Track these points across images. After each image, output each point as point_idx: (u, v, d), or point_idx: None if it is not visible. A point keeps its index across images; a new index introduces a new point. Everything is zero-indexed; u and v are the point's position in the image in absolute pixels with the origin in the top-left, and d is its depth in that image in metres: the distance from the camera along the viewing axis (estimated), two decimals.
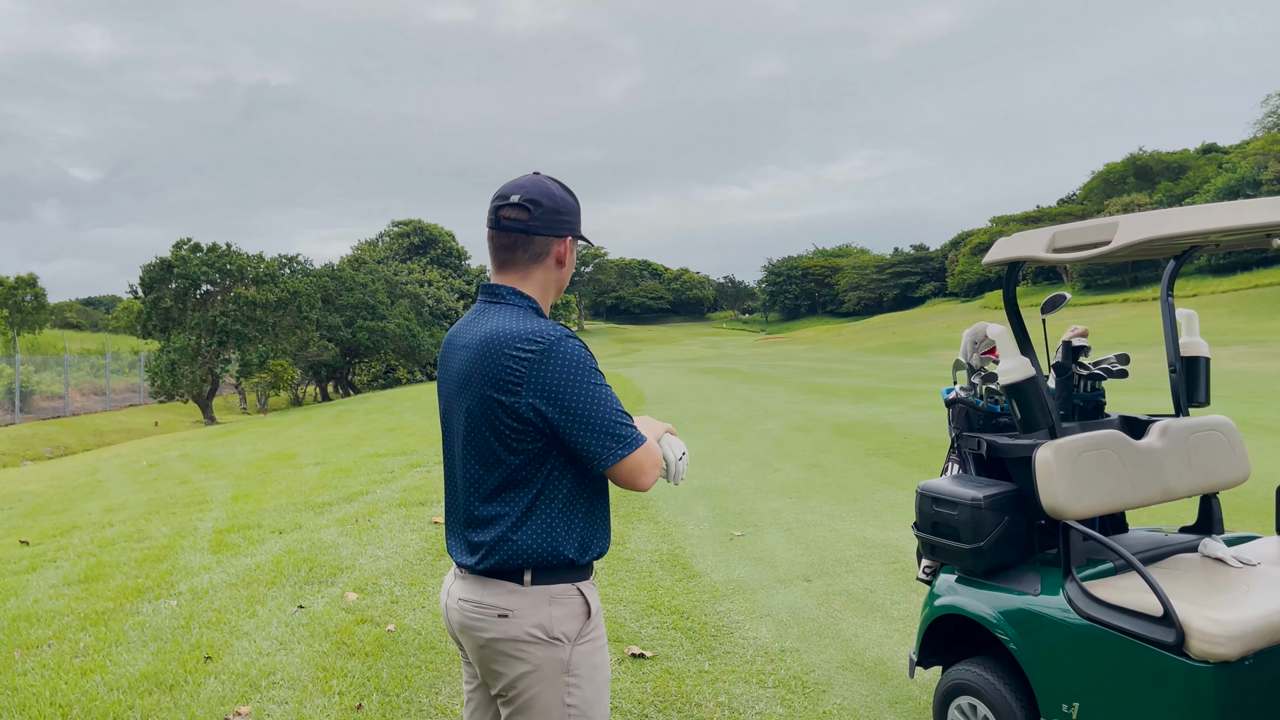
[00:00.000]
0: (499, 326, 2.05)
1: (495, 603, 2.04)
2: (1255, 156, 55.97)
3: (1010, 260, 3.01)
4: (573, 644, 2.06)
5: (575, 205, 2.20)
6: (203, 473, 13.10)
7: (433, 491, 9.28)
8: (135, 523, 8.87)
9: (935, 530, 3.21)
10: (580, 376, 1.98)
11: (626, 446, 1.98)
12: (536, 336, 1.99)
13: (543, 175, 2.20)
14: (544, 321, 2.06)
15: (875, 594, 5.38)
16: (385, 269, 52.62)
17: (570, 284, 40.31)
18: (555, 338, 1.99)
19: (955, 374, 3.57)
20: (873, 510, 7.65)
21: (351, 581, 6.00)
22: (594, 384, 1.99)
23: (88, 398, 37.37)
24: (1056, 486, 2.87)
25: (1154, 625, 2.56)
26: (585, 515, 2.10)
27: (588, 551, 2.09)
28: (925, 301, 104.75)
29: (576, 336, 2.04)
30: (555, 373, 1.97)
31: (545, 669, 2.03)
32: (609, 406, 1.99)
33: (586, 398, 1.97)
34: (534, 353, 1.97)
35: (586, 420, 1.97)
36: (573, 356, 1.99)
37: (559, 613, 2.05)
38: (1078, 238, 2.78)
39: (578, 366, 1.98)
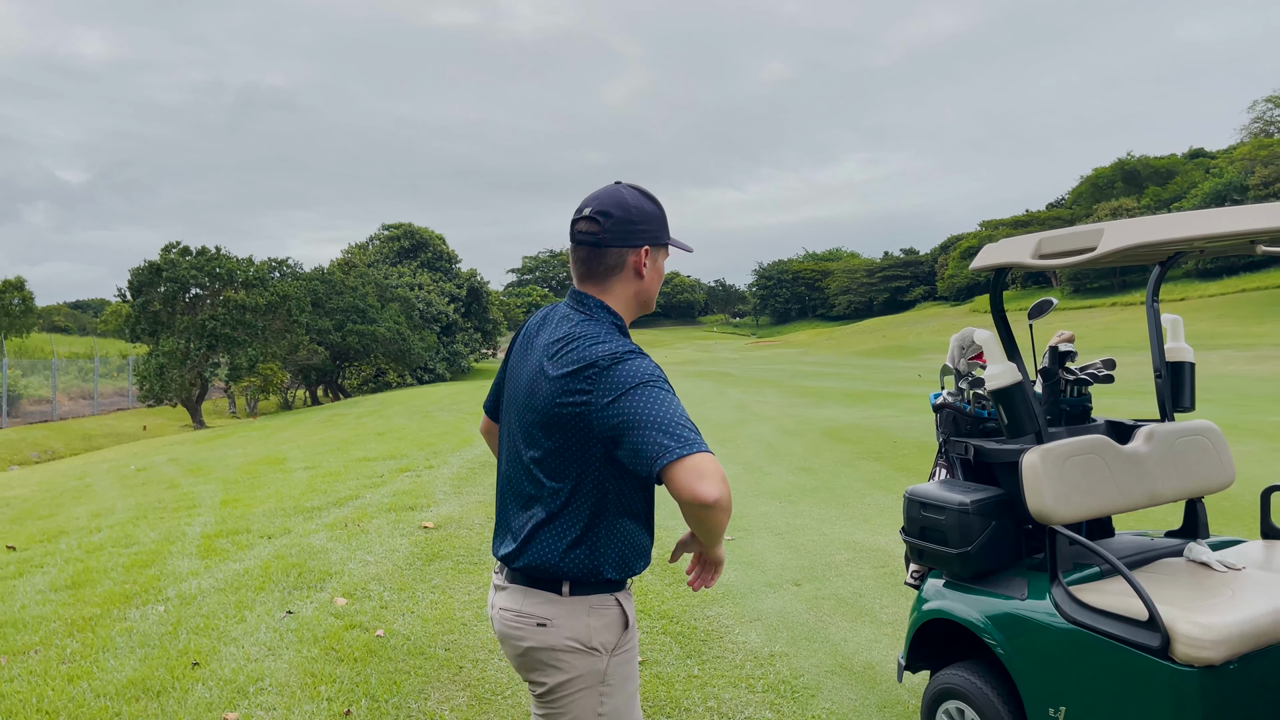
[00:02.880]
0: (587, 331, 2.05)
1: (534, 612, 2.06)
2: (1242, 161, 56.33)
3: (997, 266, 3.03)
4: (609, 655, 2.07)
5: (654, 212, 2.16)
6: (191, 477, 13.05)
7: (423, 496, 9.26)
8: (123, 528, 8.83)
9: (923, 535, 3.22)
10: (646, 384, 1.93)
11: (687, 446, 1.84)
12: (613, 344, 2.00)
13: (623, 184, 2.17)
14: (621, 339, 2.04)
15: (864, 598, 5.39)
16: (375, 272, 52.50)
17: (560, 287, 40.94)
18: (624, 352, 1.98)
19: (943, 379, 3.59)
20: (863, 514, 7.67)
21: (340, 587, 5.98)
22: (661, 390, 1.93)
23: (76, 402, 37.18)
24: (1043, 491, 2.89)
25: (1139, 629, 2.57)
26: (626, 534, 2.09)
27: (628, 570, 2.11)
28: (915, 305, 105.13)
29: (646, 354, 2.02)
30: (619, 381, 1.93)
31: (583, 678, 2.05)
32: (675, 411, 1.90)
33: (649, 401, 1.90)
34: (600, 367, 1.95)
35: (645, 420, 1.87)
36: (639, 368, 1.95)
37: (597, 624, 2.06)
38: (1064, 244, 2.80)
39: (644, 376, 1.94)
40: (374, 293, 44.30)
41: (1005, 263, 2.96)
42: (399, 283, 53.45)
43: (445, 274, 60.85)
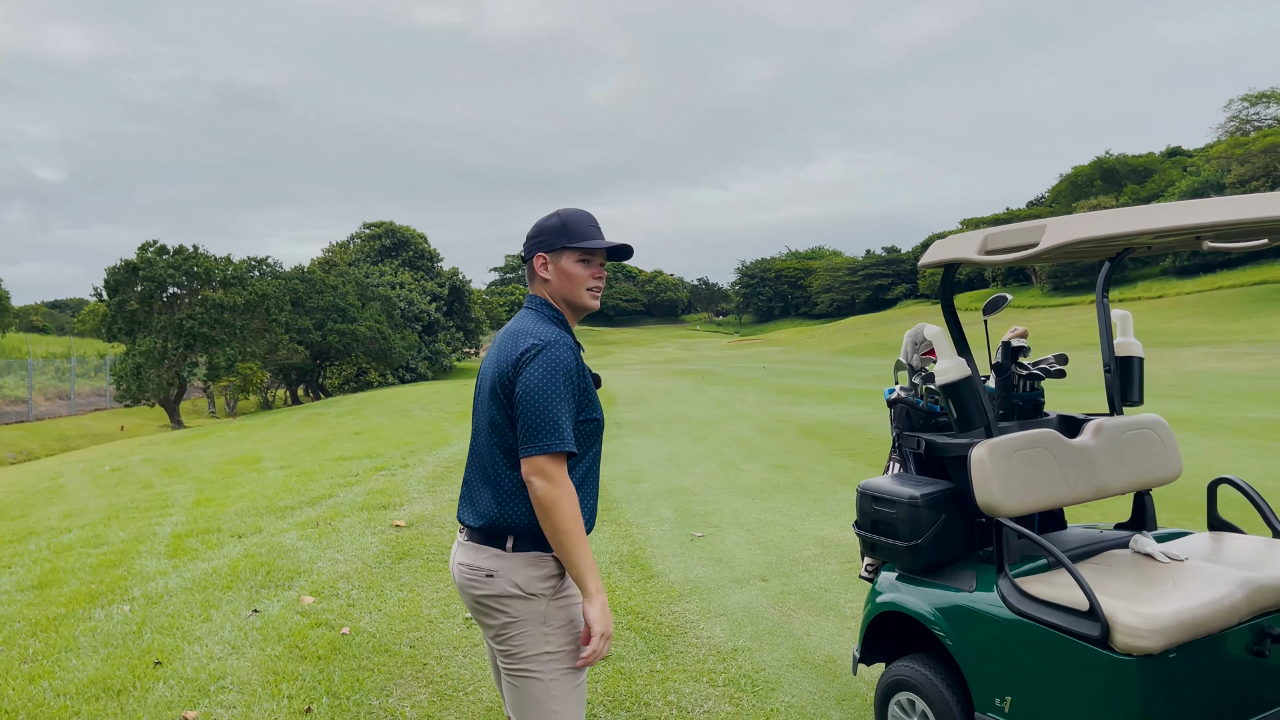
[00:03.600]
0: (516, 325, 2.49)
1: (483, 565, 2.41)
2: (1219, 160, 56.88)
3: (945, 262, 3.06)
4: (549, 599, 2.39)
5: (549, 225, 2.54)
6: (166, 477, 12.97)
7: (395, 495, 9.25)
8: (94, 528, 8.78)
9: (875, 528, 3.25)
10: (548, 373, 2.31)
11: (541, 447, 2.27)
12: (535, 336, 2.39)
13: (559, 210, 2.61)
14: (545, 328, 2.43)
15: (829, 592, 5.43)
16: (356, 271, 52.26)
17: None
18: (545, 340, 2.37)
19: (896, 374, 3.62)
20: (833, 510, 7.71)
21: (309, 585, 5.97)
22: (555, 384, 2.31)
23: (52, 402, 36.83)
24: (991, 484, 2.92)
25: (1080, 619, 2.61)
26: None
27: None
28: (897, 303, 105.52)
29: (570, 347, 2.39)
30: (528, 366, 2.33)
31: (526, 620, 2.38)
32: (556, 408, 2.29)
33: (540, 392, 2.30)
34: (529, 348, 2.35)
35: (530, 407, 2.29)
36: (553, 358, 2.33)
37: (535, 573, 2.39)
38: (1008, 240, 2.83)
39: (553, 365, 2.32)
40: (355, 292, 44.08)
41: (953, 259, 3.00)
42: (380, 281, 53.24)
43: (427, 273, 60.63)
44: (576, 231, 2.50)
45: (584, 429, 2.44)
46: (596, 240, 2.51)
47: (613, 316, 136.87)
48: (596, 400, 2.51)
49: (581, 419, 2.41)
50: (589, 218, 2.56)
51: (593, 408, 2.47)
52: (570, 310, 2.56)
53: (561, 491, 2.26)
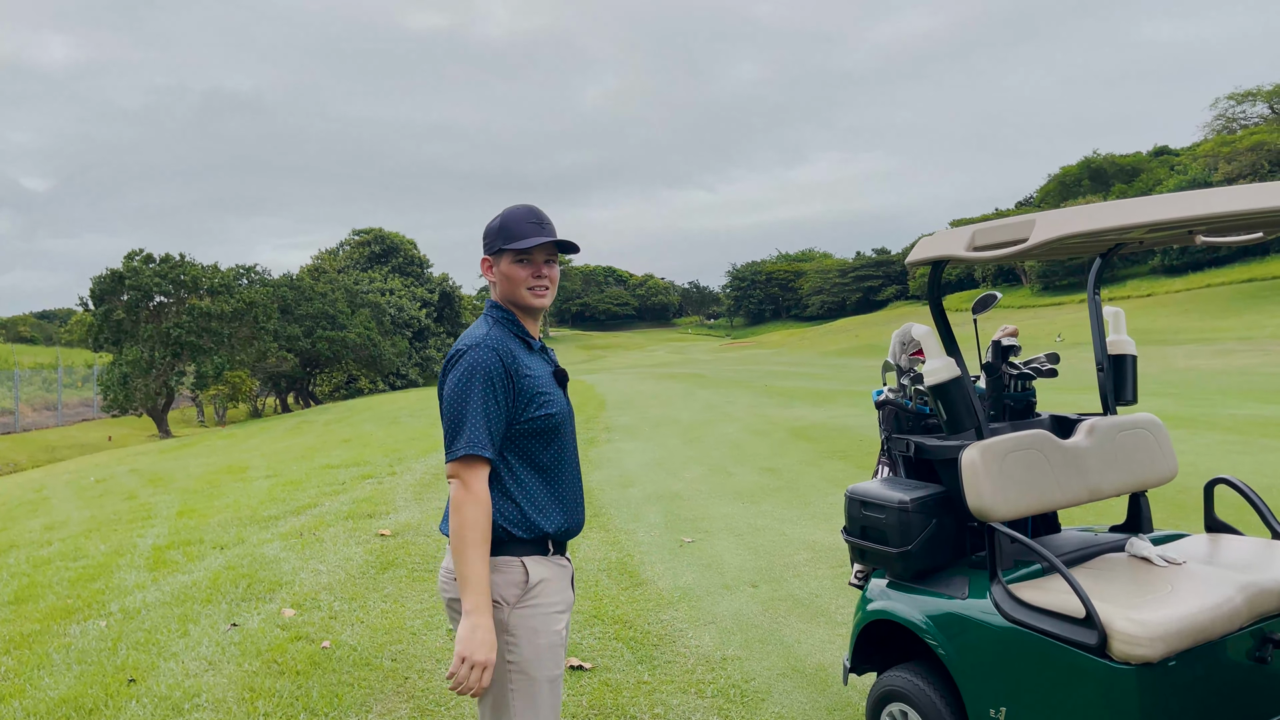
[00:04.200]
0: (465, 331, 2.50)
1: (451, 567, 2.37)
2: (1205, 158, 57.11)
3: (932, 260, 2.97)
4: (511, 607, 2.32)
5: (490, 227, 2.51)
6: (150, 488, 12.82)
7: (381, 503, 9.13)
8: (74, 541, 8.64)
9: (864, 534, 3.16)
10: (463, 378, 2.31)
11: (451, 452, 2.28)
12: (462, 341, 2.40)
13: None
14: (479, 330, 2.42)
15: (820, 599, 5.33)
16: (346, 278, 52.05)
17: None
18: (467, 345, 2.37)
19: (885, 375, 3.53)
20: (824, 513, 7.62)
21: (290, 597, 5.85)
22: (470, 388, 2.30)
23: (39, 413, 36.54)
24: (982, 488, 2.84)
25: (1076, 627, 2.52)
26: (528, 493, 2.39)
27: (534, 528, 2.37)
28: (888, 304, 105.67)
29: (493, 349, 2.35)
30: (451, 370, 2.36)
31: None
32: (467, 413, 2.28)
33: (453, 397, 2.31)
34: (452, 355, 2.39)
35: (446, 411, 2.33)
36: (469, 362, 2.33)
37: (498, 579, 2.31)
38: (996, 236, 2.74)
39: (469, 370, 2.32)
40: (344, 299, 43.88)
41: (940, 256, 2.90)
42: (370, 288, 53.05)
43: (417, 279, 60.47)
44: (511, 230, 2.45)
45: (531, 428, 2.38)
46: (529, 239, 2.43)
47: (604, 321, 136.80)
48: (550, 396, 2.44)
49: (526, 417, 2.37)
50: (530, 213, 2.49)
51: (540, 404, 2.40)
52: (520, 311, 2.51)
53: (469, 496, 2.24)
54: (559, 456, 2.46)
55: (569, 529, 2.49)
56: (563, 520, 2.45)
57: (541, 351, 2.57)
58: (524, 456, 2.39)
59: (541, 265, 2.47)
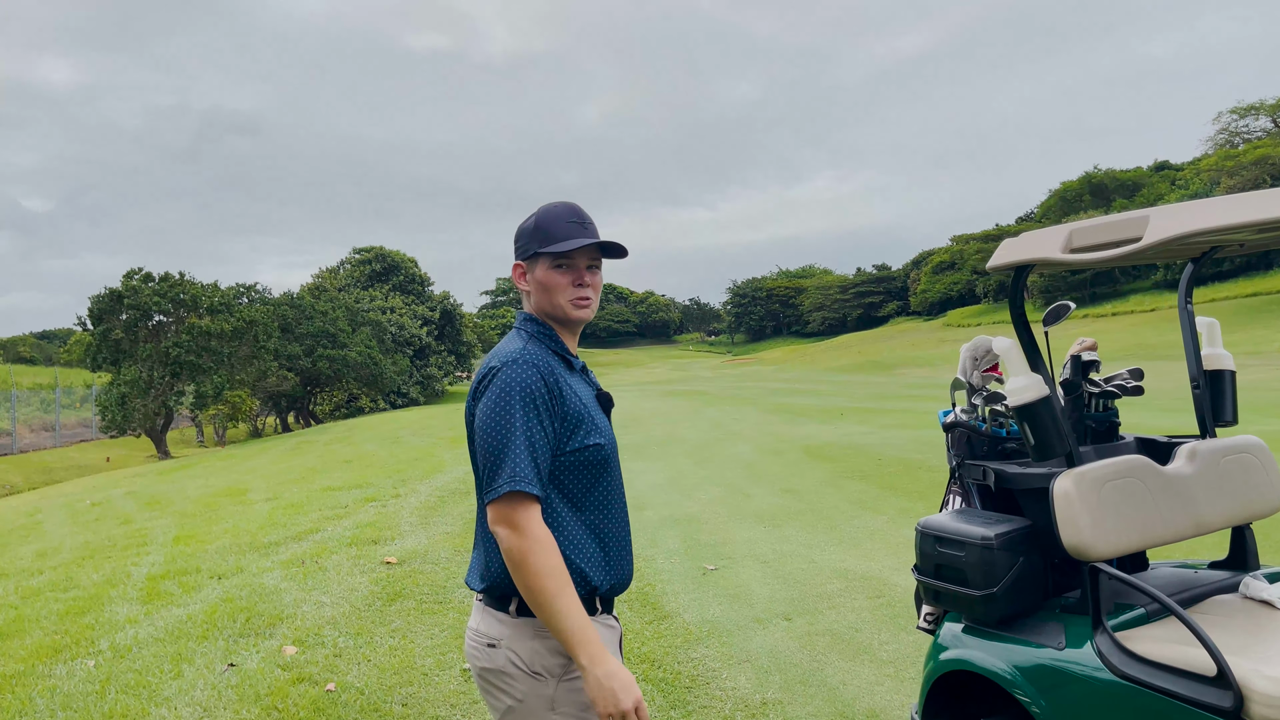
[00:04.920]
0: (496, 348, 2.13)
1: (487, 631, 2.04)
2: (1209, 172, 56.97)
3: (1018, 264, 2.64)
4: (557, 681, 1.98)
5: (524, 228, 2.17)
6: (147, 511, 12.45)
7: (386, 528, 8.76)
8: (66, 569, 8.27)
9: (940, 574, 2.81)
10: (500, 400, 1.95)
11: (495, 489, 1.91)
12: (497, 357, 2.04)
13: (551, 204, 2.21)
14: (513, 345, 2.07)
15: (861, 633, 4.97)
16: (347, 296, 51.76)
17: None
18: (502, 361, 2.01)
19: (954, 394, 3.18)
20: (852, 538, 7.26)
21: (291, 633, 5.49)
22: (509, 411, 1.94)
23: (37, 434, 36.15)
24: (1080, 522, 2.49)
25: (1204, 686, 2.17)
26: (573, 540, 2.03)
27: (582, 582, 2.01)
28: (889, 320, 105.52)
29: (533, 364, 2.00)
30: (487, 392, 1.99)
31: (530, 703, 1.97)
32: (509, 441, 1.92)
33: (492, 423, 1.95)
34: (486, 373, 2.03)
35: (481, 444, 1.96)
36: (506, 381, 1.97)
37: (542, 646, 1.98)
38: (1100, 235, 2.41)
39: (505, 390, 1.96)
40: (345, 317, 43.54)
41: (1029, 259, 2.57)
42: (371, 306, 52.74)
43: (418, 297, 60.20)
44: (548, 231, 2.10)
45: (574, 460, 2.03)
46: (569, 241, 2.08)
47: (605, 338, 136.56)
48: (596, 423, 2.08)
49: (570, 448, 2.02)
50: (569, 211, 2.14)
51: (586, 432, 2.04)
52: (559, 325, 2.17)
53: (528, 541, 1.88)
54: (606, 495, 2.10)
55: (619, 583, 2.13)
56: (613, 572, 2.10)
57: (583, 372, 2.23)
58: (566, 495, 2.03)
59: (583, 271, 2.13)
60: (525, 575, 1.87)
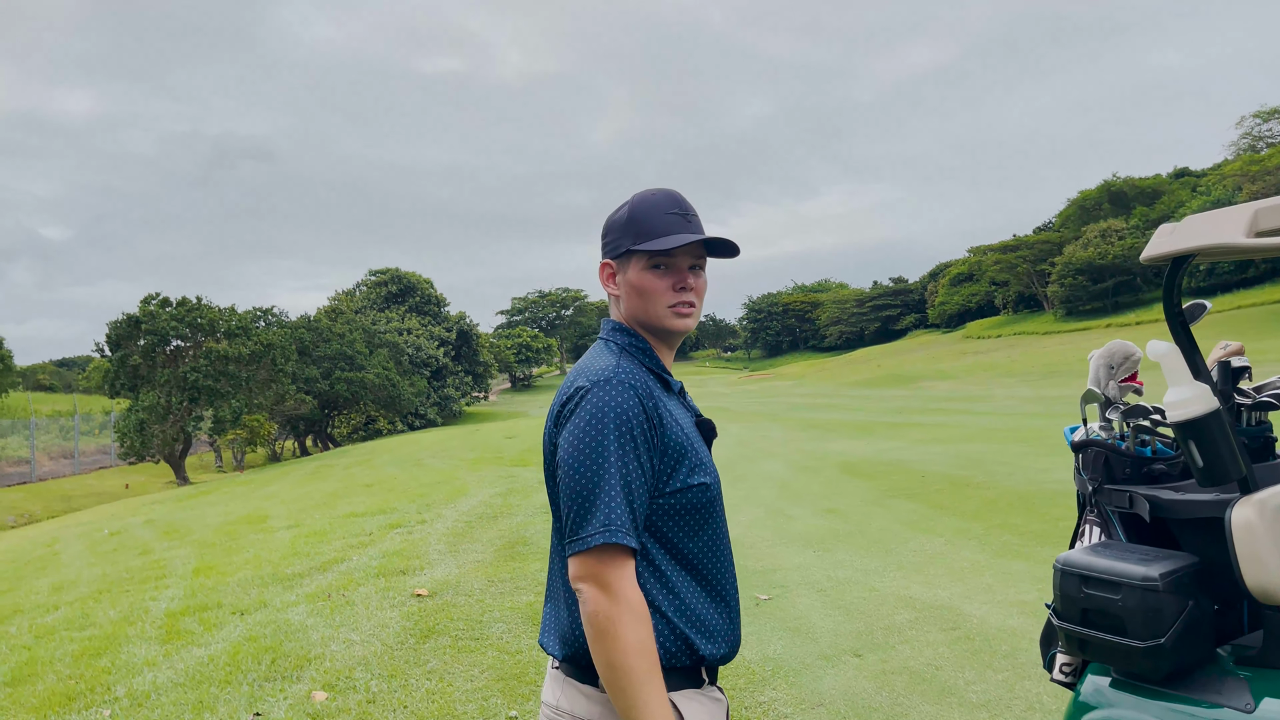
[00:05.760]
0: (580, 364, 1.79)
1: (572, 710, 1.69)
2: (1233, 178, 56.29)
3: (1182, 253, 2.24)
4: None
5: (616, 220, 1.84)
6: (166, 541, 12.11)
7: (414, 557, 8.38)
8: (83, 604, 7.93)
9: (1088, 620, 2.39)
10: (592, 429, 1.61)
11: (582, 540, 1.57)
12: (585, 375, 1.70)
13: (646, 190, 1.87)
14: (604, 361, 1.73)
15: (943, 672, 4.54)
16: (363, 319, 51.67)
17: (550, 327, 40.65)
18: (592, 380, 1.66)
19: (1084, 408, 2.78)
20: (911, 563, 6.83)
21: (320, 676, 5.10)
22: (601, 443, 1.59)
23: (56, 461, 36.08)
24: (1267, 558, 2.09)
25: None
26: (679, 600, 1.67)
27: (690, 651, 1.67)
28: (907, 333, 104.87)
29: (630, 385, 1.66)
30: (575, 420, 1.65)
31: None
32: (601, 480, 1.57)
33: (579, 457, 1.60)
34: (573, 394, 1.68)
35: (566, 483, 1.62)
36: (599, 405, 1.63)
37: None
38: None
39: (598, 416, 1.61)
40: (362, 339, 43.39)
41: (1199, 246, 2.17)
42: (387, 328, 52.64)
43: (434, 318, 60.13)
44: (646, 225, 1.78)
45: (676, 504, 1.68)
46: (672, 237, 1.76)
47: None
48: (700, 457, 1.72)
49: (671, 489, 1.67)
50: (671, 201, 1.82)
51: (690, 469, 1.68)
52: (654, 336, 1.83)
53: (619, 607, 1.54)
54: (713, 545, 1.74)
55: (731, 649, 1.75)
56: (725, 638, 1.73)
57: (680, 394, 1.86)
58: (666, 545, 1.69)
59: (686, 273, 1.80)
60: (610, 649, 1.54)
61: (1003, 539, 7.44)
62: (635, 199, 1.84)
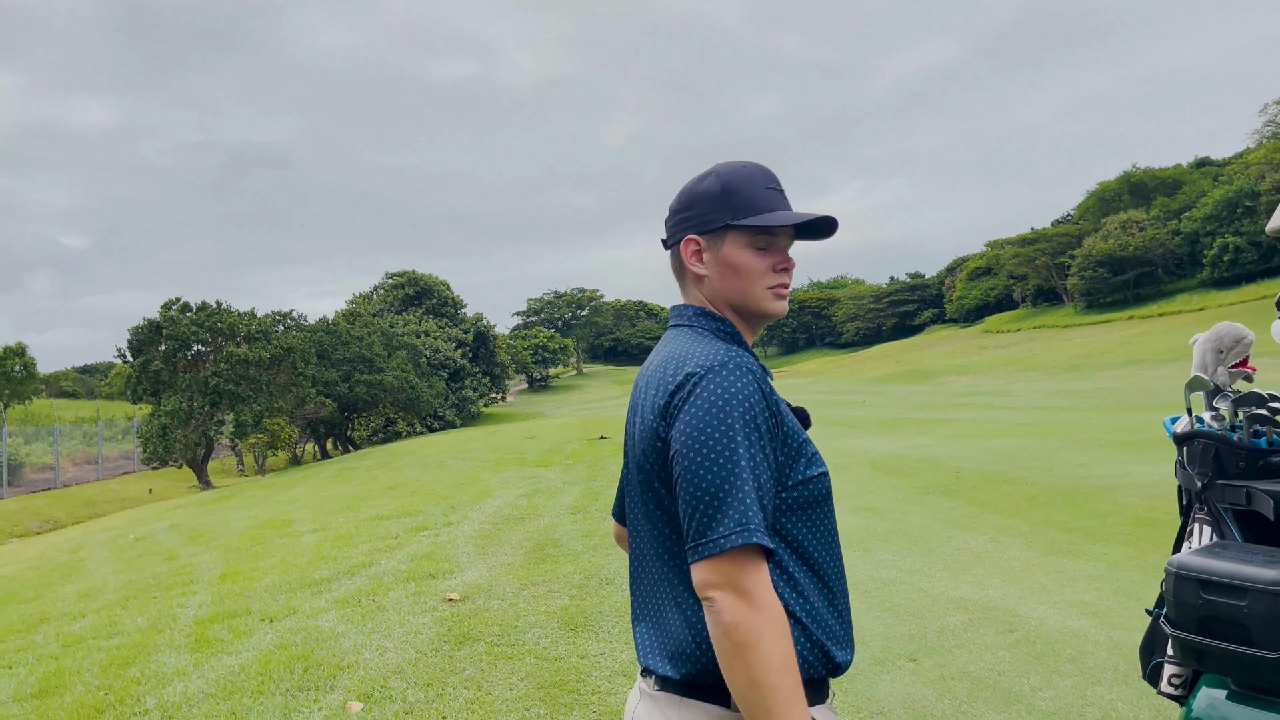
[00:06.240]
0: (663, 352, 1.62)
1: None
2: (1258, 166, 55.56)
3: None
4: None
5: (704, 191, 1.65)
6: (191, 546, 12.03)
7: (443, 560, 8.23)
8: (110, 611, 7.82)
9: (1207, 628, 2.20)
10: (718, 417, 1.42)
11: (713, 543, 1.38)
12: (693, 361, 1.50)
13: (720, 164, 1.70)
14: (709, 346, 1.54)
15: (1005, 677, 4.34)
16: (381, 321, 51.74)
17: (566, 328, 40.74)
18: (708, 365, 1.48)
19: (1189, 397, 2.57)
20: (958, 562, 6.62)
21: (355, 685, 4.95)
22: (728, 434, 1.41)
23: (80, 467, 36.27)
24: None
25: None
26: (810, 606, 1.51)
27: (826, 661, 1.51)
28: (924, 329, 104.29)
29: (750, 371, 1.48)
30: (692, 409, 1.46)
31: None
32: (733, 475, 1.39)
33: (703, 450, 1.41)
34: (683, 381, 1.49)
35: (687, 480, 1.42)
36: (721, 390, 1.44)
37: None
38: None
39: (723, 403, 1.43)
40: (380, 341, 43.41)
41: None
42: (405, 330, 52.72)
43: (451, 319, 60.17)
44: (746, 199, 1.63)
45: (798, 498, 1.51)
46: (784, 214, 1.63)
47: (636, 355, 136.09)
48: (812, 449, 1.55)
49: (793, 481, 1.51)
50: (765, 175, 1.68)
51: (809, 460, 1.53)
52: (743, 321, 1.69)
53: (763, 617, 1.35)
54: (831, 542, 1.58)
55: (852, 656, 1.59)
56: (850, 643, 1.58)
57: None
58: (792, 544, 1.52)
59: (786, 254, 1.68)
60: (753, 664, 1.34)
61: (1050, 536, 7.21)
62: (722, 170, 1.68)
